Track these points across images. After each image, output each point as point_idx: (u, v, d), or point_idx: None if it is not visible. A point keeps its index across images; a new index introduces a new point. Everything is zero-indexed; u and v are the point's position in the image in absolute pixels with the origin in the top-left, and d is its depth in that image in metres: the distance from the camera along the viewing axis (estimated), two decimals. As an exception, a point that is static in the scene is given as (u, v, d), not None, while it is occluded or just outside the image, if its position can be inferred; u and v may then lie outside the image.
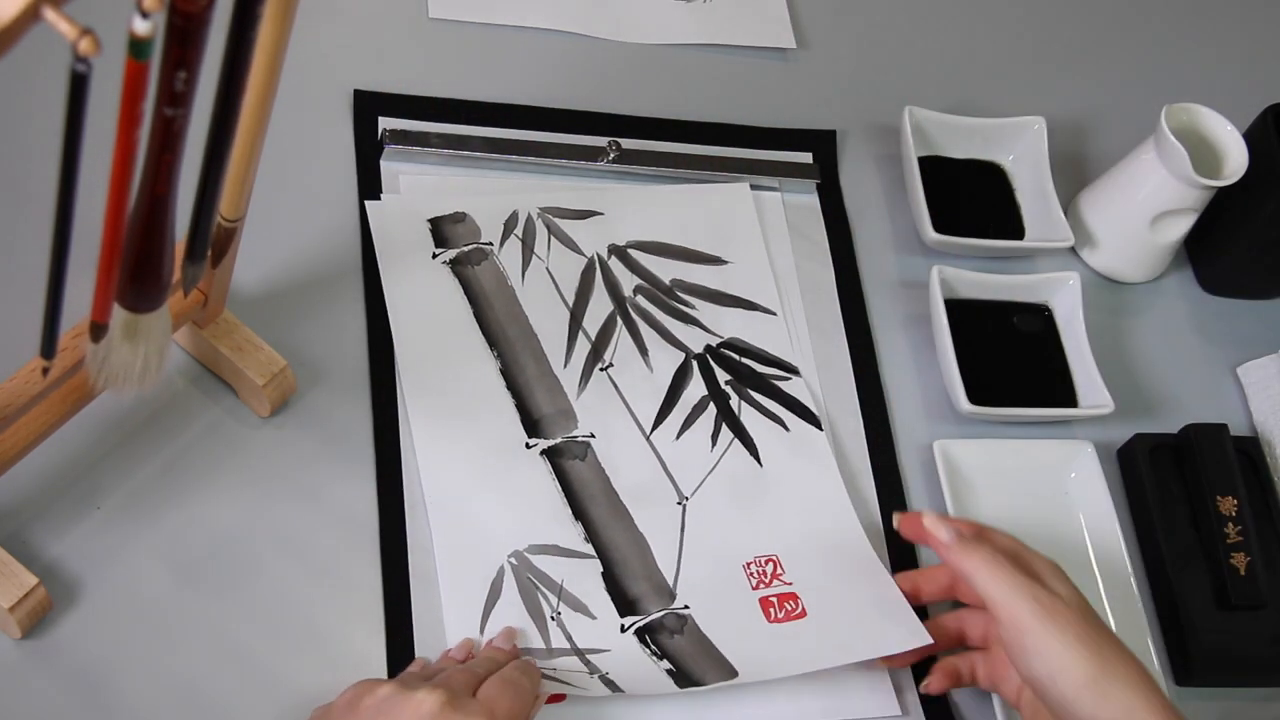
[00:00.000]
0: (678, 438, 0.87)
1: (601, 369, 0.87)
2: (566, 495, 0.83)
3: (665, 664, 0.78)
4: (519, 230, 0.90)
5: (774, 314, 0.93)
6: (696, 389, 0.89)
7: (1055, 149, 1.02)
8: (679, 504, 0.85)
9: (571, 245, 0.91)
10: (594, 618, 0.79)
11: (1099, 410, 0.93)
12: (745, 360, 0.90)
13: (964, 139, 1.04)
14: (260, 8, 0.54)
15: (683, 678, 0.78)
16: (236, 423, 0.81)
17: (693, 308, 0.91)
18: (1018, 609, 0.74)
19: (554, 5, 1.03)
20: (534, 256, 0.90)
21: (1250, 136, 0.99)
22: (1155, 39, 1.18)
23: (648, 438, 0.86)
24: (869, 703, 0.81)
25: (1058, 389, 0.96)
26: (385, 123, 0.93)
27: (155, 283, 0.63)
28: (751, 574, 0.83)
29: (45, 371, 0.67)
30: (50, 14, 0.45)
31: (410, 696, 0.67)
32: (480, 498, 0.81)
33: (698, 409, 0.88)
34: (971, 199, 1.03)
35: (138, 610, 0.75)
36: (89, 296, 0.62)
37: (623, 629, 0.79)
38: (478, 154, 0.93)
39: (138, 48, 0.47)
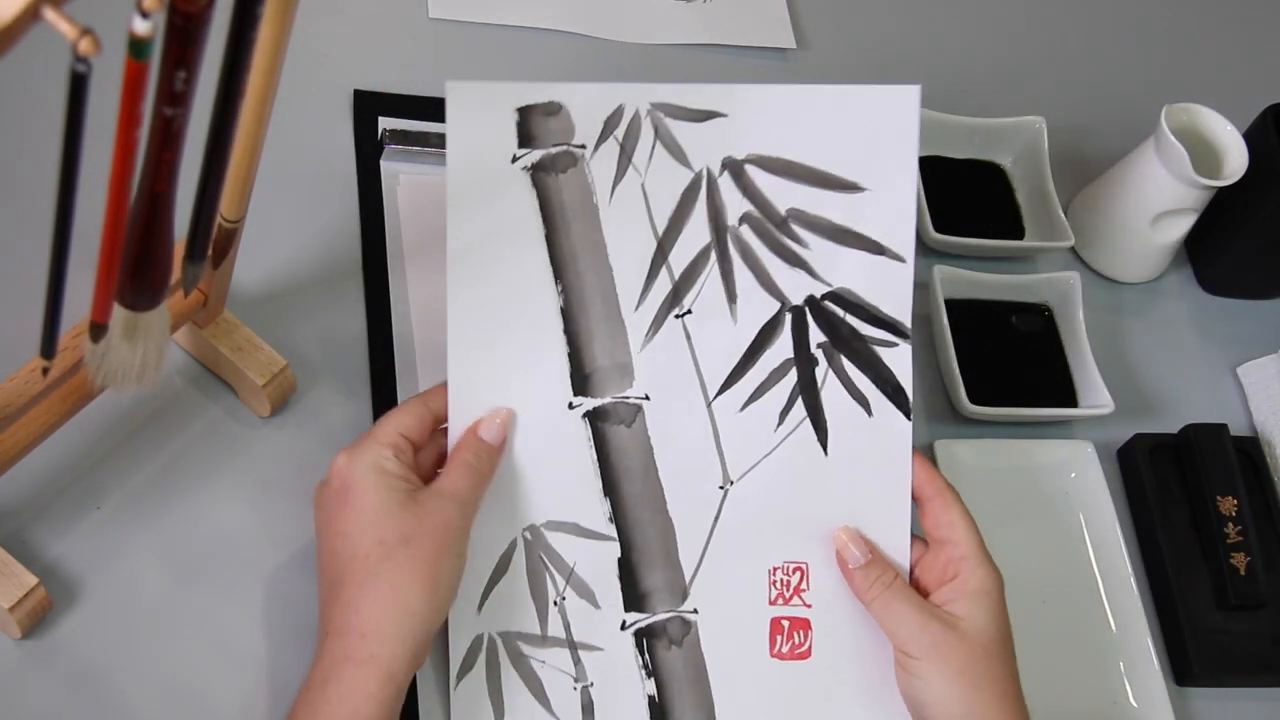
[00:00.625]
0: (741, 409, 0.78)
1: (678, 315, 0.77)
2: (601, 467, 0.76)
3: (650, 686, 0.76)
4: (620, 131, 0.76)
5: (904, 261, 0.79)
6: (781, 350, 0.78)
7: (1055, 149, 1.02)
8: (721, 488, 0.78)
9: (679, 155, 0.77)
10: (598, 608, 0.76)
11: (1099, 410, 0.93)
12: (850, 317, 0.79)
13: (964, 139, 1.04)
14: (260, 7, 0.54)
15: (659, 713, 0.76)
16: (237, 423, 0.81)
17: (806, 247, 0.78)
18: (907, 639, 0.74)
19: (554, 5, 1.03)
20: (630, 167, 0.77)
21: (1250, 136, 0.99)
22: (1155, 39, 1.18)
23: (709, 405, 0.78)
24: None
25: (1058, 389, 0.96)
26: (385, 122, 0.93)
27: (155, 281, 0.63)
28: (774, 583, 0.78)
29: (45, 371, 0.67)
30: (50, 14, 0.45)
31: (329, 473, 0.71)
32: (505, 464, 0.75)
33: (774, 376, 0.78)
34: (971, 199, 1.03)
35: (138, 610, 0.75)
36: (89, 296, 0.62)
37: (624, 626, 0.77)
38: (478, 154, 0.92)
39: (138, 47, 0.47)
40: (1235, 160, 0.97)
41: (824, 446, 0.79)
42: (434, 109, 0.94)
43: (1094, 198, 1.03)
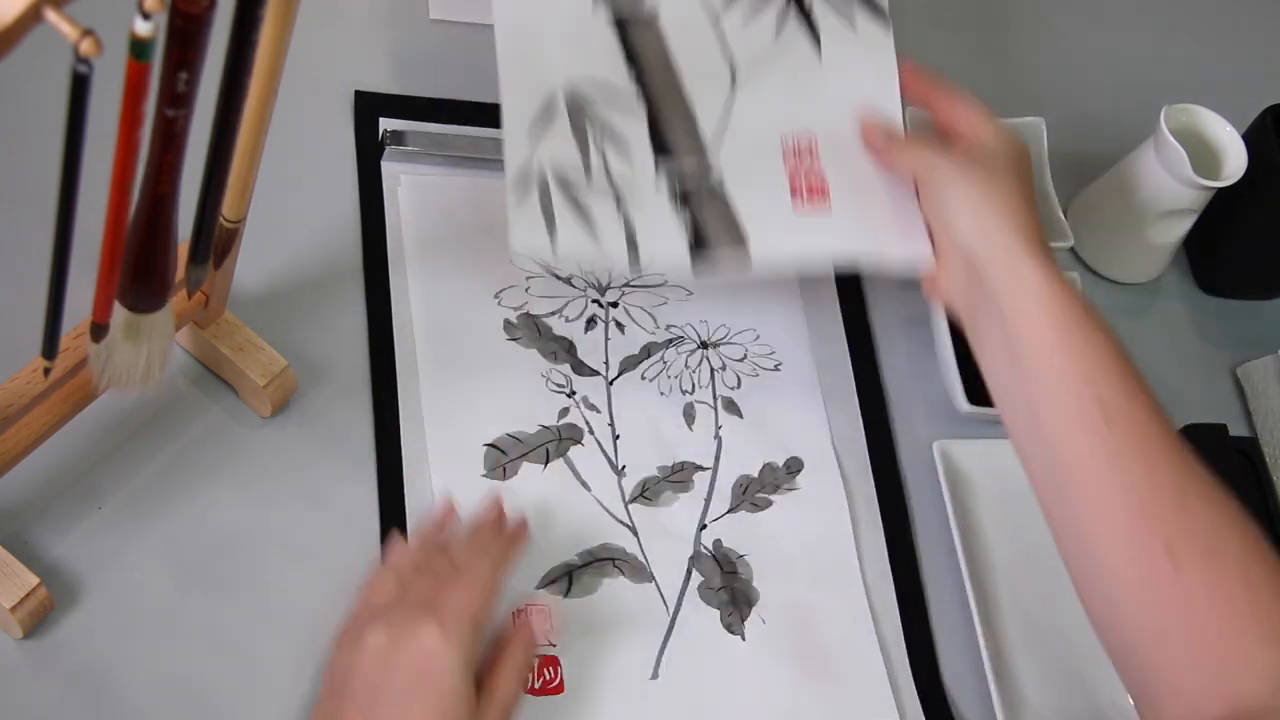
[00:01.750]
0: (745, 25, 0.88)
1: None
2: (625, 51, 0.86)
3: (686, 217, 0.83)
4: None
5: None
6: None
7: (1055, 149, 1.02)
8: (731, 85, 0.87)
9: None
10: (631, 161, 0.83)
11: (1099, 410, 0.93)
12: None
13: (964, 139, 1.04)
14: (261, 9, 0.54)
15: (698, 242, 0.82)
16: (238, 423, 0.81)
17: None
18: (927, 168, 0.83)
19: (554, 5, 1.04)
20: None
21: (1249, 137, 0.99)
22: (1155, 39, 1.18)
23: (717, 20, 0.88)
24: (867, 709, 0.82)
25: (1058, 389, 0.96)
26: (386, 123, 0.93)
27: (158, 283, 0.63)
28: (788, 149, 0.86)
29: (47, 372, 0.67)
30: (52, 15, 0.45)
31: (360, 643, 0.67)
32: (530, 35, 0.84)
33: None
34: (971, 199, 1.03)
35: (139, 610, 0.75)
36: (91, 297, 0.62)
37: (656, 166, 0.84)
38: (478, 155, 0.93)
39: (139, 49, 0.47)
40: (1234, 161, 0.97)
41: (819, 52, 0.89)
42: (435, 110, 0.95)
43: (1094, 198, 1.03)
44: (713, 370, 0.90)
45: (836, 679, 0.82)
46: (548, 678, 0.78)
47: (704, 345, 0.91)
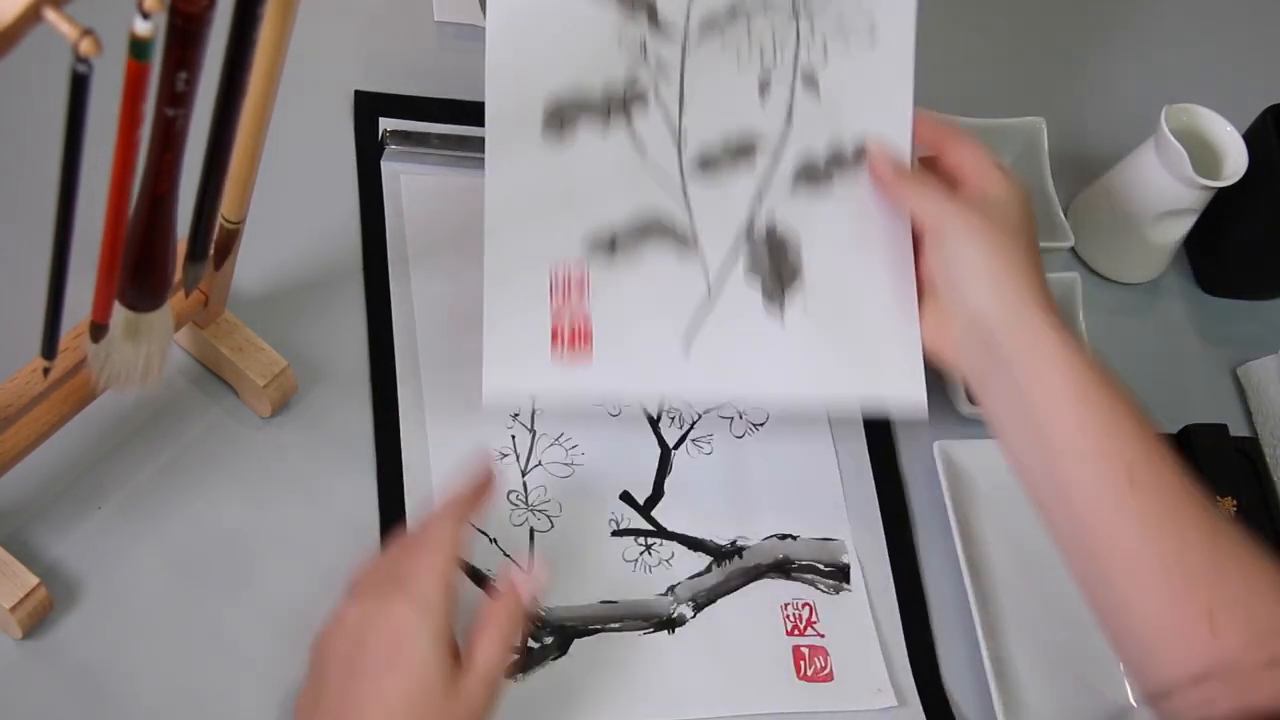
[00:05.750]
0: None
1: None
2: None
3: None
4: None
5: None
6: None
7: (1055, 149, 1.02)
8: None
9: None
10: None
11: (1099, 410, 0.93)
12: None
13: (964, 139, 1.04)
14: (261, 8, 0.54)
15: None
16: (237, 423, 0.81)
17: None
18: (936, 218, 0.80)
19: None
20: None
21: (1250, 137, 0.99)
22: (1155, 39, 1.18)
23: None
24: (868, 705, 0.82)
25: (1058, 389, 0.95)
26: (386, 123, 0.93)
27: (157, 282, 0.63)
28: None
29: (46, 372, 0.67)
30: (51, 15, 0.45)
31: (336, 622, 0.67)
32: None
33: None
34: (971, 199, 1.03)
35: (138, 610, 0.75)
36: (90, 296, 0.62)
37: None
38: (478, 154, 0.93)
39: (138, 48, 0.47)
40: (1235, 161, 0.97)
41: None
42: (435, 109, 0.95)
43: (1094, 198, 1.03)
44: (799, 36, 0.85)
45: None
46: (578, 334, 0.78)
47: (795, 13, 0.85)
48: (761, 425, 0.89)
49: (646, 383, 0.79)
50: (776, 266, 0.81)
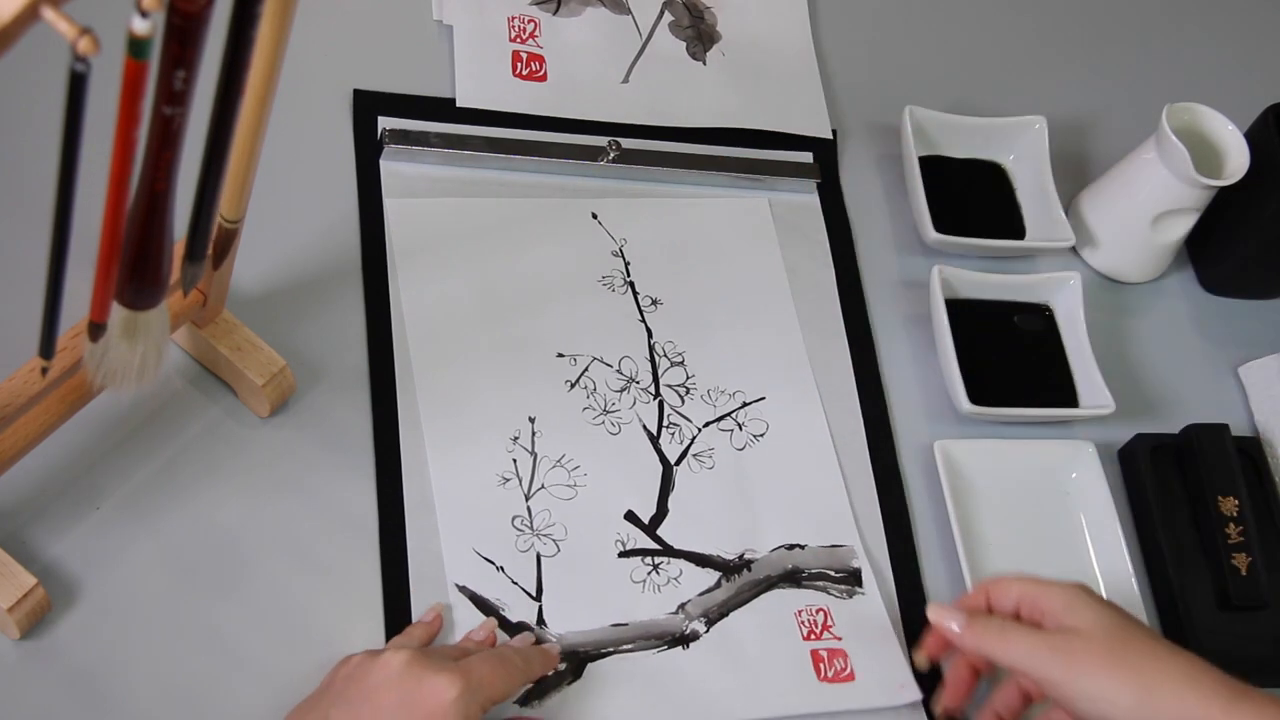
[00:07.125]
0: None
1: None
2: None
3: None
4: None
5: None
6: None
7: (1056, 149, 1.02)
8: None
9: None
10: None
11: (1100, 410, 0.93)
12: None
13: (964, 139, 1.03)
14: (259, 7, 0.54)
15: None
16: (236, 423, 0.81)
17: None
18: (1043, 669, 0.72)
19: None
20: None
21: (1251, 136, 0.99)
22: (1155, 39, 1.18)
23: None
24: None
25: (1058, 389, 0.95)
26: (385, 122, 0.93)
27: (154, 280, 0.63)
28: None
29: (44, 371, 0.67)
30: (49, 13, 0.45)
31: (378, 657, 0.69)
32: None
33: None
34: (972, 199, 1.03)
35: (137, 610, 0.75)
36: (88, 296, 0.62)
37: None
38: (477, 153, 0.93)
39: (137, 47, 0.47)
40: (1236, 160, 0.97)
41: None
42: (434, 109, 0.95)
43: (1095, 197, 1.03)
44: None
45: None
46: (533, 61, 0.97)
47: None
48: (762, 436, 0.89)
49: (591, 102, 0.96)
50: (695, 26, 1.00)
